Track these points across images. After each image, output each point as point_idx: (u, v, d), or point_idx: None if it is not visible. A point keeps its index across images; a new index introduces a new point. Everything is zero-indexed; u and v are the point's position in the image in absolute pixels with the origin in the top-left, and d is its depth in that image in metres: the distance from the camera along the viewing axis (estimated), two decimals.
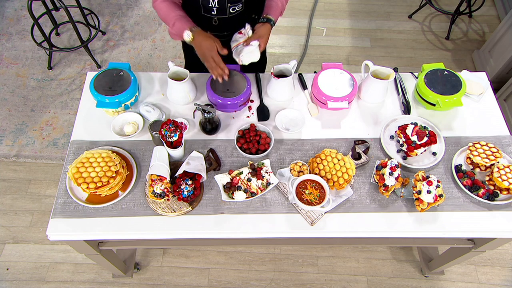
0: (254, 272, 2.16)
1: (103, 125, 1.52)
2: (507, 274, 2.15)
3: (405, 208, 1.37)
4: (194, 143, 1.49)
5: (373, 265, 2.18)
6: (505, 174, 1.34)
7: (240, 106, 1.53)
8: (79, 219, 1.32)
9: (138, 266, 2.14)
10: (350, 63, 3.05)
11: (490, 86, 1.67)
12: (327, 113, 1.58)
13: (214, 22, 1.48)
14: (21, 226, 2.27)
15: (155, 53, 3.04)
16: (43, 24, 2.97)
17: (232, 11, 1.43)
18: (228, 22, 1.49)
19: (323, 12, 3.38)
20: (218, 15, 1.44)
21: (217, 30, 1.53)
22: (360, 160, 1.44)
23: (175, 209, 1.33)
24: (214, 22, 1.48)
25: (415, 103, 1.62)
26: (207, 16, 1.45)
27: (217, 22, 1.48)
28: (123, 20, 3.23)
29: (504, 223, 1.34)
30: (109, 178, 1.31)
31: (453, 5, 3.30)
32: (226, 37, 1.56)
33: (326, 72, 1.57)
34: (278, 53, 3.10)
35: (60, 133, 2.61)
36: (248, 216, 1.34)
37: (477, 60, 2.99)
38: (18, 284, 2.11)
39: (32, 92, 2.80)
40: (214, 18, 1.45)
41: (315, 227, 1.32)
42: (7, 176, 2.45)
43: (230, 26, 1.52)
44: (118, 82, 1.51)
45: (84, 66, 2.94)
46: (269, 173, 1.39)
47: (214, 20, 1.46)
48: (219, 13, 1.43)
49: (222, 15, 1.44)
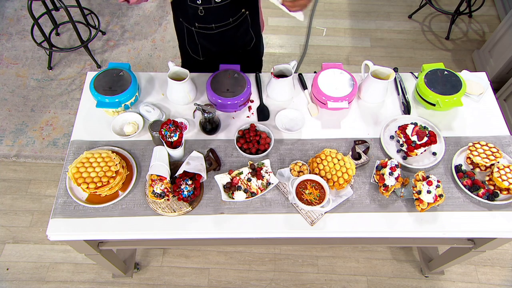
0: (254, 272, 2.16)
1: (103, 125, 1.52)
2: (507, 274, 2.15)
3: (405, 208, 1.37)
4: (194, 143, 1.49)
5: (373, 265, 2.18)
6: (505, 174, 1.34)
7: (240, 106, 1.53)
8: (79, 219, 1.32)
9: (138, 266, 2.14)
10: (350, 63, 3.05)
11: (490, 86, 1.67)
12: (327, 113, 1.58)
13: (200, 12, 1.47)
14: (21, 226, 2.27)
15: (155, 53, 3.04)
16: (43, 24, 2.97)
17: (218, 0, 1.42)
18: (213, 12, 1.47)
19: (323, 12, 3.38)
20: (203, 4, 1.43)
21: (203, 21, 1.51)
22: (360, 160, 1.44)
23: (175, 209, 1.33)
24: (200, 12, 1.46)
25: (415, 103, 1.62)
26: (193, 6, 1.45)
27: (203, 13, 1.47)
28: (123, 20, 3.23)
29: (504, 223, 1.34)
30: (109, 178, 1.31)
31: (453, 5, 3.30)
32: (214, 30, 1.55)
33: (326, 72, 1.57)
34: (278, 53, 3.10)
35: (60, 133, 2.61)
36: (248, 216, 1.34)
37: (477, 60, 2.99)
38: (18, 284, 2.11)
39: (32, 92, 2.80)
40: (200, 7, 1.44)
41: (315, 227, 1.32)
42: (7, 176, 2.45)
43: (216, 17, 1.50)
44: (118, 82, 1.51)
45: (84, 66, 2.94)
46: (269, 173, 1.39)
47: (200, 10, 1.45)
48: (204, 3, 1.42)
49: (207, 4, 1.43)
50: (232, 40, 1.63)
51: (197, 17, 1.50)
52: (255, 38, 1.70)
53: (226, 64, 1.59)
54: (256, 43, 1.73)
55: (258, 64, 1.90)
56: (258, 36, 1.72)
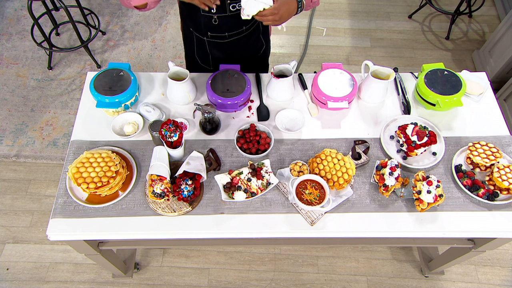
0: (254, 272, 2.16)
1: (103, 125, 1.52)
2: (507, 274, 2.15)
3: (405, 208, 1.37)
4: (194, 143, 1.49)
5: (373, 265, 2.18)
6: (505, 174, 1.34)
7: (240, 106, 1.53)
8: (79, 219, 1.32)
9: (138, 266, 2.14)
10: (350, 63, 3.05)
11: (490, 86, 1.67)
12: (327, 113, 1.58)
13: (214, 21, 1.47)
14: (21, 226, 2.27)
15: (155, 53, 3.04)
16: (43, 24, 2.98)
17: (232, 9, 1.42)
18: (228, 21, 1.48)
19: (323, 12, 3.38)
20: (218, 13, 1.44)
21: (217, 30, 1.52)
22: (360, 160, 1.44)
23: (175, 209, 1.33)
24: (214, 21, 1.47)
25: (415, 103, 1.62)
26: (207, 15, 1.45)
27: (217, 21, 1.47)
28: (123, 20, 3.23)
29: (504, 223, 1.34)
30: (109, 178, 1.31)
31: (453, 5, 3.30)
32: (227, 38, 1.56)
33: (326, 72, 1.57)
34: (278, 53, 3.10)
35: (60, 133, 2.61)
36: (248, 216, 1.34)
37: (477, 60, 2.99)
38: (18, 284, 2.11)
39: (32, 92, 2.80)
40: (214, 17, 1.45)
41: (315, 227, 1.32)
42: (7, 176, 2.45)
43: (231, 26, 1.51)
44: (118, 82, 1.51)
45: (84, 66, 2.94)
46: (269, 173, 1.39)
47: (214, 19, 1.46)
48: (218, 11, 1.43)
49: (222, 13, 1.44)
50: (244, 48, 1.64)
51: (210, 27, 1.51)
52: (265, 44, 1.72)
53: (226, 64, 1.59)
54: (265, 49, 1.75)
55: (264, 68, 1.91)
56: (267, 41, 1.74)
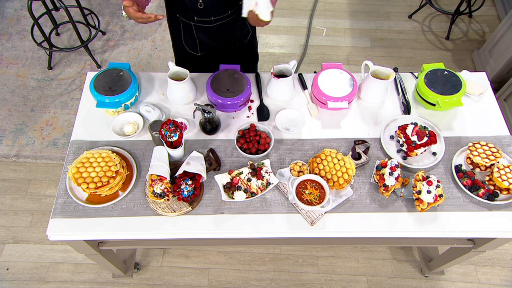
0: (254, 272, 2.16)
1: (103, 125, 1.52)
2: (507, 274, 2.15)
3: (405, 208, 1.37)
4: (194, 143, 1.49)
5: (373, 265, 2.18)
6: (505, 174, 1.34)
7: (240, 106, 1.53)
8: (79, 219, 1.32)
9: (138, 266, 2.14)
10: (350, 63, 3.05)
11: (490, 86, 1.67)
12: (327, 113, 1.58)
13: (199, 6, 1.47)
14: (21, 226, 2.27)
15: (155, 53, 3.04)
16: (43, 24, 2.97)
17: None
18: (214, 5, 1.49)
19: (323, 12, 3.38)
20: None
21: (203, 14, 1.52)
22: (360, 160, 1.44)
23: (175, 209, 1.33)
24: (199, 5, 1.47)
25: (415, 103, 1.62)
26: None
27: (203, 5, 1.47)
28: (123, 20, 3.22)
29: (504, 223, 1.34)
30: (109, 178, 1.31)
31: (453, 5, 3.30)
32: (213, 23, 1.55)
33: (326, 72, 1.57)
34: (278, 53, 3.10)
35: (60, 133, 2.61)
36: (248, 216, 1.34)
37: (477, 60, 2.99)
38: (18, 284, 2.11)
39: (32, 92, 2.80)
40: (199, 0, 1.45)
41: (315, 227, 1.32)
42: (7, 176, 2.45)
43: (217, 10, 1.51)
44: (118, 82, 1.51)
45: (84, 66, 2.94)
46: (269, 173, 1.39)
47: (199, 3, 1.46)
48: None
49: None
50: (230, 33, 1.65)
51: (196, 11, 1.51)
52: (251, 31, 1.74)
53: (226, 64, 1.59)
54: (252, 35, 1.76)
55: (254, 57, 1.92)
56: (253, 28, 1.76)
